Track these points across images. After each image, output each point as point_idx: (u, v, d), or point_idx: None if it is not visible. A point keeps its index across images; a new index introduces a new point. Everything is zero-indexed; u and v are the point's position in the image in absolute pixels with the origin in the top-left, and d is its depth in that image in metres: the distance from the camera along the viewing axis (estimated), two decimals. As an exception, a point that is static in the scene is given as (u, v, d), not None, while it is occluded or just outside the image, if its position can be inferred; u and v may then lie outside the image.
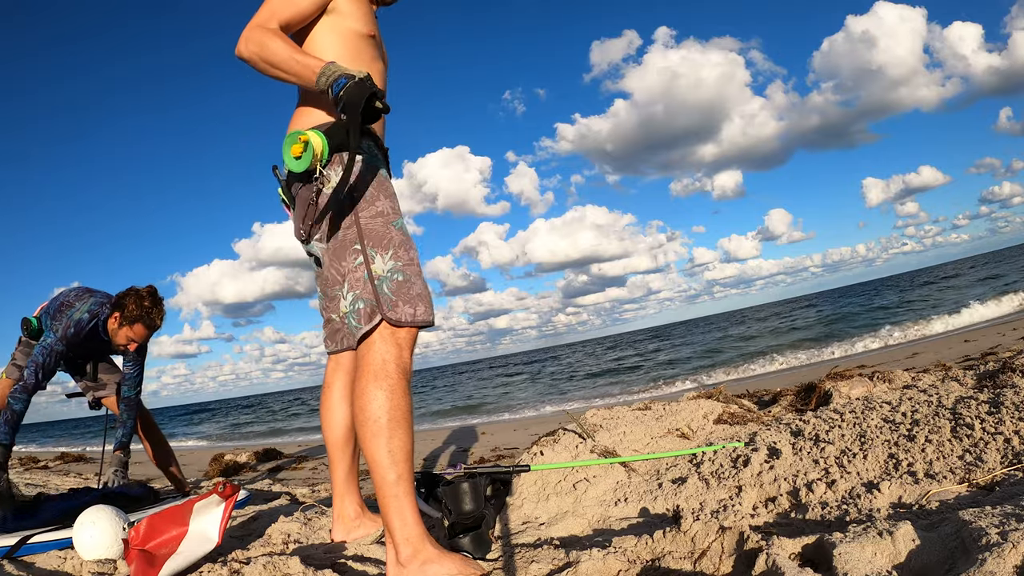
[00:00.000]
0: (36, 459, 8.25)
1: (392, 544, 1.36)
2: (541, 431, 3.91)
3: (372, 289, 1.45)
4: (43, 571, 1.73)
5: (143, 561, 1.56)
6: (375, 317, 1.44)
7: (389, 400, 1.40)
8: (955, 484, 1.47)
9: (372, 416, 1.39)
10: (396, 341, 1.45)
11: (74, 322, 2.64)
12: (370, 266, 1.46)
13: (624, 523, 1.72)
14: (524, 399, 13.22)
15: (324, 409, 1.86)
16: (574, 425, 2.54)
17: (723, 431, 2.53)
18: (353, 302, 1.47)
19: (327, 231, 1.53)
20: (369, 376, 1.42)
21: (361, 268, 1.47)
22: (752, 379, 8.84)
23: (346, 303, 1.49)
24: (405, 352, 1.46)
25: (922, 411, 1.98)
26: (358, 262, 1.47)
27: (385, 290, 1.45)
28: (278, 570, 1.43)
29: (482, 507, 1.66)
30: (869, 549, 1.08)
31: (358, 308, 1.45)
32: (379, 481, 1.38)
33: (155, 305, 2.69)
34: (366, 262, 1.47)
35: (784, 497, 1.66)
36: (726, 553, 1.24)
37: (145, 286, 2.71)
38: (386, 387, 1.41)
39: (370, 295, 1.45)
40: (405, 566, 1.33)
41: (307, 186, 1.54)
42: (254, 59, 1.52)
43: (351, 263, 1.48)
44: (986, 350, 5.42)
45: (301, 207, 1.56)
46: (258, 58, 1.51)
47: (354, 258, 1.48)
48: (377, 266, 1.46)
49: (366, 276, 1.46)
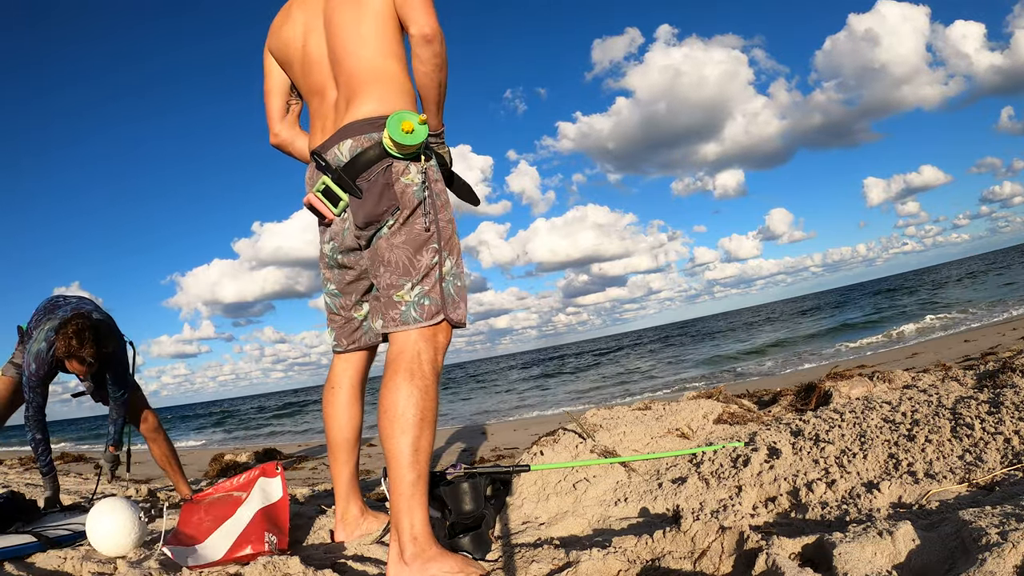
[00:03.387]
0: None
1: (397, 541, 1.37)
2: (541, 431, 3.91)
3: (440, 290, 1.52)
4: (43, 571, 1.74)
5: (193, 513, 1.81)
6: (437, 316, 1.50)
7: (423, 399, 1.42)
8: (955, 484, 1.47)
9: (402, 412, 1.40)
10: (435, 343, 1.51)
11: (33, 356, 2.59)
12: (443, 267, 1.54)
13: (624, 523, 1.72)
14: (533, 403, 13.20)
15: (332, 409, 1.83)
16: (574, 425, 2.54)
17: (723, 431, 2.53)
18: (420, 296, 1.51)
19: (404, 222, 1.53)
20: (405, 373, 1.45)
21: (436, 268, 1.53)
22: (752, 379, 8.84)
23: (413, 294, 1.51)
24: (440, 356, 1.52)
25: (922, 411, 1.98)
26: (434, 260, 1.53)
27: (451, 291, 1.54)
28: (278, 570, 1.43)
29: (482, 507, 1.66)
30: (869, 549, 1.08)
31: (424, 303, 1.50)
32: (398, 477, 1.38)
33: (82, 344, 2.53)
34: (440, 262, 1.54)
35: (784, 497, 1.66)
36: (726, 553, 1.24)
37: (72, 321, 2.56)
38: (420, 386, 1.44)
39: (438, 295, 1.52)
40: (408, 564, 1.34)
41: (388, 171, 1.53)
42: (443, 54, 1.55)
43: (427, 259, 1.53)
44: (986, 350, 5.42)
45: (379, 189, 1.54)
46: (444, 55, 1.56)
47: (431, 256, 1.53)
48: (446, 268, 1.55)
49: (438, 275, 1.53)
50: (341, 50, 1.62)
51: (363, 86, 1.59)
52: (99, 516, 1.79)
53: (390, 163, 1.53)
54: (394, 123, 1.47)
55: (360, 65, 1.59)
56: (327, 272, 1.78)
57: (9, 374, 2.82)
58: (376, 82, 1.59)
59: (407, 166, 1.53)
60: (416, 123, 1.48)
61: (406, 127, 1.47)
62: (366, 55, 1.58)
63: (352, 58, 1.60)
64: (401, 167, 1.53)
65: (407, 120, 1.47)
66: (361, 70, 1.59)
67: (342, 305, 1.79)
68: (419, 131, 1.48)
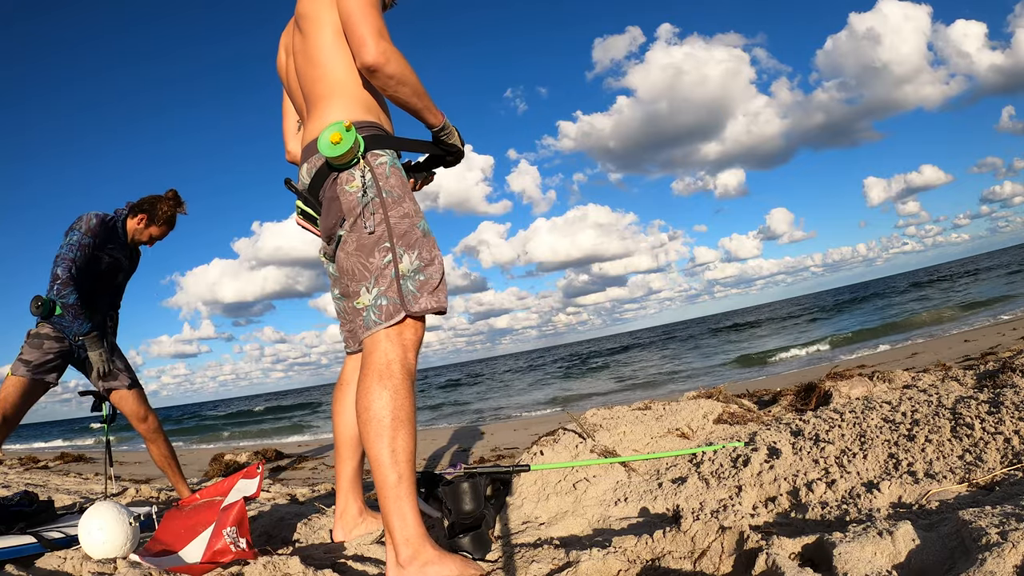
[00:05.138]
0: (36, 459, 8.25)
1: (392, 545, 1.36)
2: (541, 431, 3.91)
3: (397, 288, 1.49)
4: (43, 571, 1.74)
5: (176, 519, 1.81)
6: (398, 314, 1.48)
7: (393, 400, 1.41)
8: (955, 484, 1.47)
9: (376, 415, 1.40)
10: (402, 342, 1.48)
11: (92, 220, 2.82)
12: (398, 264, 1.51)
13: (624, 523, 1.72)
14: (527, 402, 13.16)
15: (340, 406, 1.88)
16: (574, 425, 2.54)
17: (723, 431, 2.53)
18: (377, 298, 1.50)
19: (351, 228, 1.55)
20: (374, 376, 1.44)
21: (390, 266, 1.51)
22: (752, 379, 8.84)
23: (369, 297, 1.51)
24: (410, 353, 1.49)
25: (922, 411, 1.98)
26: (387, 260, 1.51)
27: (410, 287, 1.50)
28: (278, 570, 1.43)
29: (482, 507, 1.66)
30: (869, 549, 1.08)
31: (381, 304, 1.49)
32: (380, 481, 1.39)
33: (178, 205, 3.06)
34: (394, 260, 1.51)
35: (784, 497, 1.66)
36: (726, 553, 1.24)
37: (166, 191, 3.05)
38: (390, 387, 1.43)
39: (395, 293, 1.49)
40: (405, 567, 1.33)
41: (334, 184, 1.57)
42: (396, 75, 1.52)
43: (380, 260, 1.51)
44: (986, 350, 5.42)
45: (327, 204, 1.60)
46: (400, 75, 1.52)
47: (383, 255, 1.51)
48: (404, 264, 1.51)
49: (393, 274, 1.50)
50: (301, 71, 1.69)
51: (318, 103, 1.65)
52: (89, 524, 1.78)
53: (335, 176, 1.57)
54: (323, 139, 1.50)
55: (315, 84, 1.65)
56: (330, 279, 1.87)
57: (19, 373, 2.74)
58: (329, 97, 1.63)
59: (350, 173, 1.54)
60: (343, 131, 1.49)
61: (333, 139, 1.48)
62: (318, 74, 1.63)
63: (307, 78, 1.67)
64: (345, 176, 1.55)
65: (333, 132, 1.49)
66: (316, 88, 1.65)
67: (345, 308, 1.86)
68: (346, 138, 1.49)
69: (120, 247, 3.02)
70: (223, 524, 1.60)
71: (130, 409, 2.95)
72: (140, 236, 3.05)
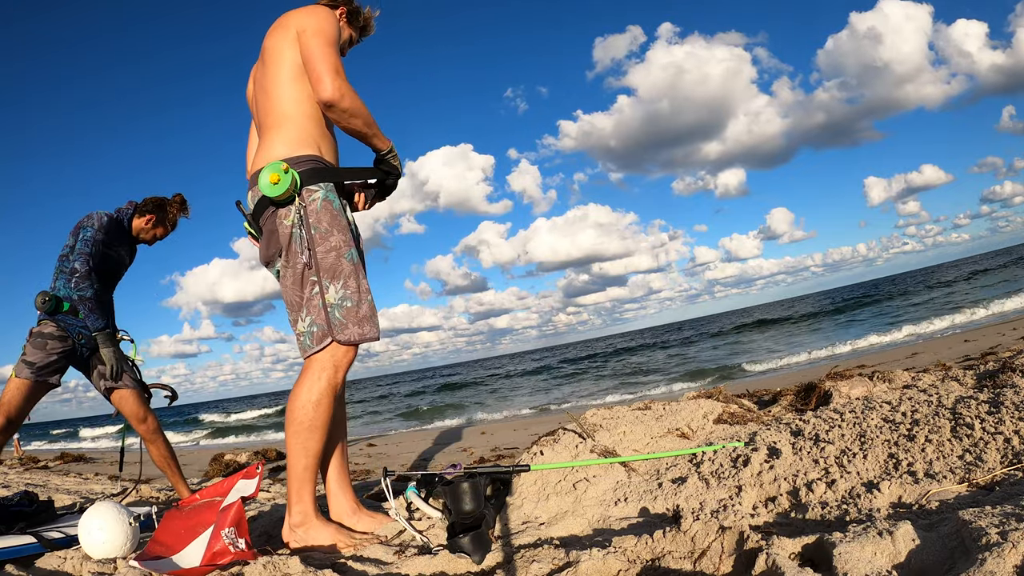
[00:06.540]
0: (36, 459, 8.25)
1: (289, 513, 1.72)
2: (541, 431, 3.91)
3: (325, 316, 1.68)
4: (43, 571, 1.74)
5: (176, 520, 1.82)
6: (326, 339, 1.68)
7: (315, 409, 1.66)
8: (955, 484, 1.47)
9: (297, 418, 1.67)
10: (334, 363, 1.70)
11: (103, 218, 2.89)
12: (324, 296, 1.69)
13: (624, 523, 1.72)
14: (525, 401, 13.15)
15: None
16: (574, 425, 2.54)
17: (723, 431, 2.53)
18: (310, 325, 1.70)
19: (287, 261, 1.73)
20: (304, 385, 1.68)
21: (317, 297, 1.69)
22: (752, 379, 8.84)
23: (304, 324, 1.71)
24: (340, 373, 1.71)
25: (922, 411, 1.98)
26: (315, 292, 1.69)
27: (337, 316, 1.68)
28: (278, 570, 1.43)
29: (482, 507, 1.66)
30: (869, 549, 1.08)
31: (312, 331, 1.70)
32: (291, 465, 1.69)
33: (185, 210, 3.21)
34: (321, 292, 1.69)
35: (784, 497, 1.65)
36: (726, 553, 1.24)
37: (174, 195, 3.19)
38: (315, 398, 1.67)
39: (323, 321, 1.68)
40: (294, 529, 1.70)
41: (273, 217, 1.73)
42: (350, 109, 1.70)
43: (308, 292, 1.70)
44: (986, 350, 5.42)
45: (267, 236, 1.77)
46: (353, 109, 1.70)
47: (311, 288, 1.70)
48: (330, 295, 1.69)
49: (320, 304, 1.69)
50: (258, 101, 1.84)
51: (267, 133, 1.79)
52: (90, 524, 1.77)
53: (274, 210, 1.73)
54: (263, 179, 1.66)
55: (266, 116, 1.79)
56: None
57: (23, 376, 2.72)
58: (276, 128, 1.76)
59: (288, 208, 1.71)
60: (280, 173, 1.65)
61: (272, 179, 1.64)
62: (270, 106, 1.78)
63: (261, 108, 1.82)
64: (283, 211, 1.72)
65: (272, 173, 1.64)
66: (267, 120, 1.79)
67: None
68: (284, 180, 1.65)
69: (125, 245, 3.05)
70: (221, 525, 1.59)
71: (130, 410, 2.95)
72: (145, 235, 3.11)
